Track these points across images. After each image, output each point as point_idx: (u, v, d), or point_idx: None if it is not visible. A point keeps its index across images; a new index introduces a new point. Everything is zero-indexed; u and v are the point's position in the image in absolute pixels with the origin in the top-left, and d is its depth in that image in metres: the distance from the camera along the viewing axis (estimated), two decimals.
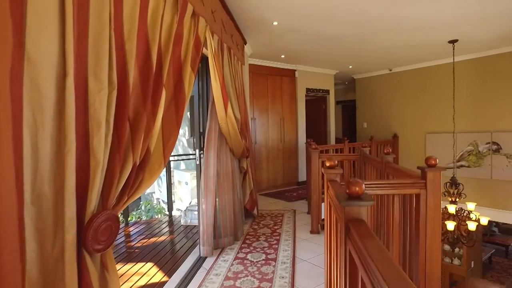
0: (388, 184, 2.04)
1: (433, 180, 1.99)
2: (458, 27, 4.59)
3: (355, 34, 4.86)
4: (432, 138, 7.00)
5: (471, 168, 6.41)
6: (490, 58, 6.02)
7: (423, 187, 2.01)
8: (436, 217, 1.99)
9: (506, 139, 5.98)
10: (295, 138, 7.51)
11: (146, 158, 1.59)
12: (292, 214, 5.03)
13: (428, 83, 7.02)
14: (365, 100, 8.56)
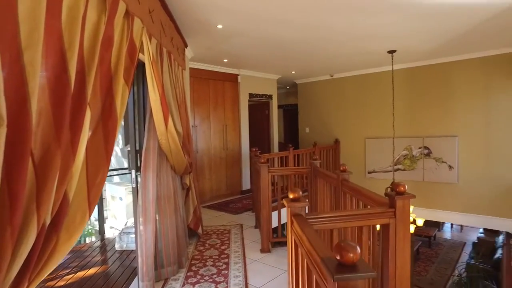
0: (357, 215, 1.84)
1: (402, 209, 1.85)
2: (397, 39, 4.73)
3: (300, 40, 4.74)
4: (371, 143, 7.26)
5: (406, 171, 6.78)
6: (422, 68, 6.41)
7: (392, 216, 1.85)
8: (406, 247, 1.85)
9: (435, 143, 6.42)
10: (239, 145, 7.24)
11: (62, 211, 1.15)
12: (239, 229, 4.73)
13: (368, 89, 7.27)
14: (307, 105, 8.62)
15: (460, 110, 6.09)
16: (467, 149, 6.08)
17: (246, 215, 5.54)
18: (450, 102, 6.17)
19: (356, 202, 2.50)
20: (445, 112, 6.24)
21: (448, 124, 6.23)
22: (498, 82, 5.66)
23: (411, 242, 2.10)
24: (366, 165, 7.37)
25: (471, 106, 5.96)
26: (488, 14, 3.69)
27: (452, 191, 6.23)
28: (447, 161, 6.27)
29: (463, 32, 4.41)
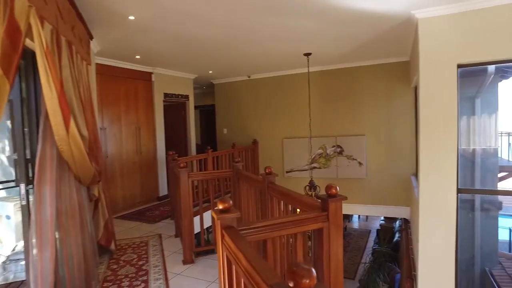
0: (291, 222, 1.76)
1: (335, 212, 1.83)
2: (312, 42, 4.92)
3: (218, 39, 4.58)
4: (289, 143, 7.50)
5: (322, 169, 7.17)
6: (335, 71, 6.84)
7: (326, 220, 1.82)
8: (339, 251, 1.84)
9: (346, 142, 6.93)
10: (154, 148, 6.75)
11: None
12: (158, 240, 4.36)
13: (285, 90, 7.48)
14: (224, 105, 8.52)
15: (367, 112, 6.69)
16: (373, 147, 6.71)
17: (165, 223, 5.16)
18: (359, 104, 6.73)
19: (285, 206, 2.44)
20: (355, 113, 6.79)
21: (357, 124, 6.79)
22: (397, 87, 6.37)
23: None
24: (284, 164, 7.59)
25: (376, 108, 6.60)
26: (390, 25, 4.05)
27: (362, 186, 6.80)
28: (357, 158, 6.83)
29: (370, 40, 4.80)
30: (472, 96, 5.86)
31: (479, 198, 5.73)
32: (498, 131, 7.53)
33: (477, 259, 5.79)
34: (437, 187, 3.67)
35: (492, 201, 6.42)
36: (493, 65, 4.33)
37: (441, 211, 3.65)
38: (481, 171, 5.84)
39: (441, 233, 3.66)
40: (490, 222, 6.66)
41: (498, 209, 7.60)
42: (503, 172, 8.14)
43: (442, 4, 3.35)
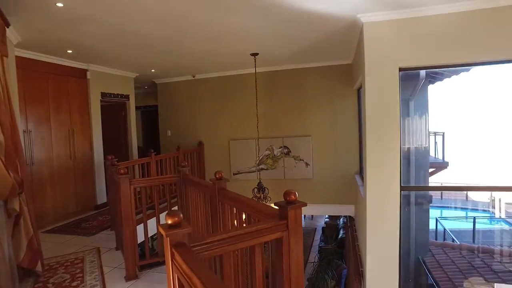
0: (249, 233, 1.60)
1: (294, 219, 1.71)
2: (259, 42, 4.83)
3: (160, 35, 4.28)
4: (236, 145, 7.35)
5: (269, 170, 7.14)
6: (282, 72, 6.85)
7: (285, 229, 1.70)
8: (300, 263, 1.73)
9: (293, 143, 6.99)
10: (90, 152, 6.15)
11: None
12: (96, 255, 3.92)
13: (232, 91, 7.32)
14: (168, 106, 8.11)
15: (312, 113, 6.80)
16: (319, 147, 6.85)
17: (104, 234, 4.70)
18: (305, 105, 6.83)
19: (238, 213, 2.29)
20: (301, 114, 6.88)
21: (304, 125, 6.88)
22: (341, 89, 6.58)
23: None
24: (231, 166, 7.43)
25: (321, 109, 6.75)
26: (337, 27, 4.11)
27: (309, 186, 6.90)
28: (304, 159, 6.92)
29: (317, 41, 4.84)
30: (406, 99, 6.25)
31: (413, 193, 6.11)
32: (429, 131, 8.17)
33: (412, 249, 6.17)
34: (382, 185, 3.79)
35: (424, 195, 6.93)
36: (430, 69, 4.63)
37: (386, 208, 3.78)
38: (415, 168, 6.26)
39: (386, 229, 3.79)
40: (423, 215, 7.18)
41: (429, 202, 8.24)
42: (432, 168, 8.89)
43: (385, 10, 3.46)
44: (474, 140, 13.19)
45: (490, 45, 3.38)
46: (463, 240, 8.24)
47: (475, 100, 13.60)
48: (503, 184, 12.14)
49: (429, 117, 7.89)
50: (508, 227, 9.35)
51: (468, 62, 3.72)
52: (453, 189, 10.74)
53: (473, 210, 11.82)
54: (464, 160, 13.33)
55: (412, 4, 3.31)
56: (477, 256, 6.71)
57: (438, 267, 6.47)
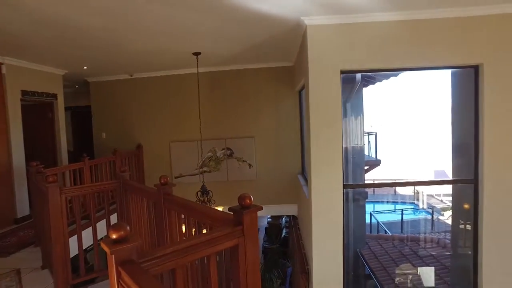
0: (203, 242, 1.48)
1: (250, 225, 1.63)
2: (202, 41, 4.68)
3: (94, 28, 3.89)
4: (177, 147, 7.07)
5: (212, 172, 6.98)
6: (225, 73, 6.74)
7: (241, 235, 1.61)
8: (256, 268, 1.65)
9: (236, 144, 6.93)
10: (7, 158, 5.40)
11: None
12: (15, 278, 3.40)
13: (173, 91, 7.01)
14: (103, 107, 7.51)
15: (255, 114, 6.82)
16: (262, 149, 6.88)
17: (27, 252, 4.14)
18: (248, 106, 6.81)
19: (186, 220, 2.14)
20: (244, 115, 6.85)
21: (247, 126, 6.86)
22: (283, 90, 6.69)
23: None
24: (172, 169, 7.13)
25: (264, 110, 6.79)
26: (281, 29, 4.14)
27: (253, 187, 6.89)
28: (247, 160, 6.90)
29: (261, 43, 4.83)
30: (343, 101, 6.58)
31: (351, 190, 6.45)
32: (364, 131, 8.73)
33: (351, 243, 6.51)
34: (326, 184, 3.89)
35: (360, 191, 7.38)
36: (368, 72, 4.90)
37: (331, 206, 3.90)
38: (353, 166, 6.62)
39: (331, 226, 3.91)
40: (360, 210, 7.64)
41: (365, 198, 8.78)
42: (367, 166, 9.51)
43: (328, 14, 3.56)
44: (401, 139, 14.56)
45: (416, 53, 3.67)
46: (394, 231, 8.97)
47: (402, 103, 14.97)
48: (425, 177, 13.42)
49: (364, 118, 8.41)
50: (429, 216, 10.40)
51: (400, 67, 4.02)
52: (389, 185, 11.59)
53: (402, 203, 12.98)
54: (394, 157, 14.62)
55: (352, 10, 3.45)
56: (406, 245, 7.33)
57: (374, 258, 6.92)
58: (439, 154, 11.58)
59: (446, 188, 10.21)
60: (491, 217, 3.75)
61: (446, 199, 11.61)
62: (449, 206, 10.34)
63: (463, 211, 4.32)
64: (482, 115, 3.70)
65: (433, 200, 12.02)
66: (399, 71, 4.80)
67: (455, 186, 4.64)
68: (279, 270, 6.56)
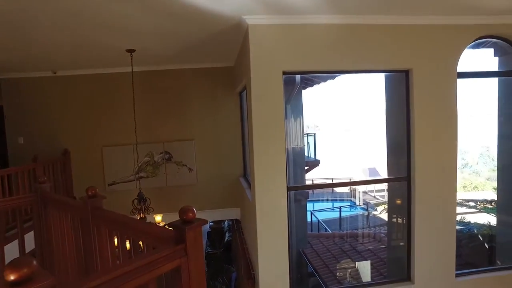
0: (141, 267, 1.25)
1: (194, 242, 1.43)
2: (135, 36, 4.29)
3: (6, 12, 3.32)
4: (111, 152, 6.50)
5: (150, 178, 6.56)
6: (162, 73, 6.35)
7: (184, 254, 1.40)
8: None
9: (176, 148, 6.59)
10: None
11: None
12: None
13: (105, 91, 6.41)
14: (19, 107, 6.60)
15: (195, 116, 6.55)
16: (202, 152, 6.63)
17: None
18: (187, 108, 6.52)
19: (120, 238, 1.86)
20: (183, 118, 6.54)
21: (186, 129, 6.56)
22: (223, 92, 6.53)
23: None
24: (105, 176, 6.54)
25: (204, 112, 6.55)
26: (222, 27, 3.96)
27: (193, 192, 6.62)
28: (187, 164, 6.60)
29: (200, 42, 4.60)
30: (284, 103, 6.64)
31: (293, 191, 6.50)
32: (304, 132, 8.93)
33: (293, 242, 6.60)
34: (270, 186, 3.83)
35: (302, 192, 7.52)
36: (310, 74, 4.94)
37: (275, 209, 3.84)
38: (294, 167, 6.71)
39: (276, 229, 3.85)
40: (301, 210, 7.78)
41: (306, 198, 8.98)
42: (307, 166, 9.76)
43: (270, 14, 3.49)
44: (339, 139, 15.34)
45: (354, 56, 3.79)
46: (334, 229, 9.33)
47: (339, 105, 15.77)
48: (359, 175, 14.26)
49: (304, 120, 8.60)
50: (364, 212, 11.05)
51: (338, 70, 4.11)
52: (331, 185, 12.02)
53: (340, 200, 13.63)
54: (332, 157, 15.33)
55: (295, 11, 3.42)
56: (345, 242, 7.64)
57: (316, 256, 7.09)
58: (372, 153, 12.47)
59: (379, 185, 10.96)
60: (422, 211, 4.02)
61: (378, 194, 12.50)
62: (382, 201, 11.15)
63: (397, 206, 4.58)
64: (413, 117, 3.94)
65: (367, 197, 12.84)
66: (337, 73, 4.95)
67: (390, 183, 4.90)
68: (224, 277, 6.37)
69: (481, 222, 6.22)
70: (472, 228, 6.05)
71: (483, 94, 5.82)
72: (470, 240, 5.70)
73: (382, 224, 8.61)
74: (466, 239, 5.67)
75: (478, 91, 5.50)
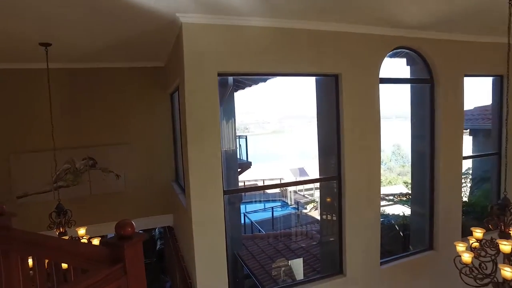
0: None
1: (135, 260, 1.27)
2: (52, 28, 3.78)
3: None
4: (21, 159, 5.65)
5: (70, 187, 5.88)
6: (88, 71, 5.71)
7: (122, 275, 1.23)
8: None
9: (101, 153, 6.01)
10: None
11: None
12: None
13: (14, 90, 5.53)
14: None
15: (123, 118, 6.04)
16: (131, 156, 6.15)
17: None
18: (115, 110, 5.98)
19: (37, 263, 1.57)
20: (111, 120, 5.98)
21: (114, 133, 6.02)
22: (154, 93, 6.17)
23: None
24: (13, 188, 5.67)
25: (133, 114, 6.09)
26: (154, 24, 3.69)
27: (121, 200, 6.12)
28: (114, 170, 6.07)
29: (130, 38, 4.23)
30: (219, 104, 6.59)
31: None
32: (236, 135, 8.94)
33: (229, 246, 6.57)
34: (206, 191, 3.71)
35: (236, 194, 7.51)
36: (245, 76, 4.92)
37: (212, 214, 3.74)
38: (227, 170, 6.66)
39: (214, 234, 3.75)
40: (235, 213, 7.77)
41: (240, 200, 9.01)
42: (239, 168, 9.79)
43: (205, 13, 3.38)
44: (270, 141, 15.73)
45: (287, 59, 3.87)
46: (267, 229, 9.50)
47: (271, 107, 16.19)
48: (290, 175, 14.77)
49: (236, 122, 8.60)
50: (295, 211, 11.50)
51: (272, 72, 4.17)
52: (265, 188, 12.20)
53: (272, 201, 13.95)
54: (263, 158, 15.63)
55: (229, 12, 3.36)
56: (280, 241, 7.83)
57: (251, 258, 7.13)
58: (302, 154, 13.09)
59: (308, 184, 11.51)
60: (351, 207, 4.30)
61: (307, 193, 13.12)
62: (311, 199, 11.73)
63: (328, 204, 4.81)
64: (342, 119, 4.18)
65: (297, 196, 13.39)
66: (270, 76, 5.03)
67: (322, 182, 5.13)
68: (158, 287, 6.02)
69: (397, 213, 6.91)
70: (390, 219, 6.69)
71: (396, 99, 6.48)
72: (389, 230, 6.29)
73: (313, 222, 9.02)
74: (386, 229, 6.24)
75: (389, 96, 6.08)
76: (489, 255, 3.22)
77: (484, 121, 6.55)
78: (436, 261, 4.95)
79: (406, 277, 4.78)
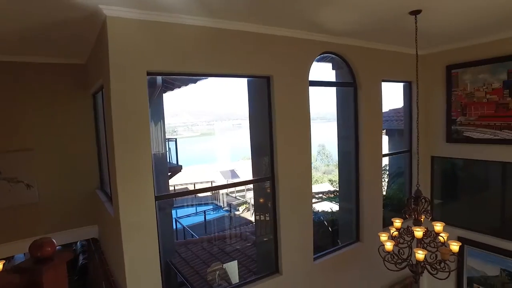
0: None
1: (55, 285, 1.09)
2: None
3: None
4: None
5: None
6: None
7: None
8: None
9: (6, 161, 5.19)
10: None
11: None
12: None
13: None
14: None
15: (34, 121, 5.30)
16: (45, 163, 5.46)
17: None
18: (24, 111, 5.23)
19: None
20: (18, 123, 5.20)
21: (22, 137, 5.25)
22: (71, 92, 5.56)
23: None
24: None
25: (47, 116, 5.39)
26: (71, 14, 3.32)
27: (34, 213, 5.39)
28: (24, 180, 5.30)
29: (43, 28, 3.68)
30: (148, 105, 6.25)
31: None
32: (165, 138, 8.58)
33: (160, 254, 6.29)
34: (136, 197, 3.47)
35: (167, 200, 7.19)
36: (175, 76, 4.71)
37: (143, 222, 3.51)
38: (156, 174, 6.34)
39: (146, 243, 3.53)
40: (167, 219, 7.44)
41: (171, 206, 8.67)
42: (169, 172, 9.42)
43: (132, 8, 3.15)
44: (200, 143, 15.42)
45: (219, 60, 3.81)
46: (200, 233, 9.28)
47: (201, 109, 15.90)
48: (221, 177, 14.73)
49: (165, 124, 8.26)
50: (228, 214, 11.46)
51: (204, 73, 4.05)
52: (199, 191, 11.92)
53: (205, 204, 13.68)
54: (192, 161, 15.24)
55: (160, 8, 3.19)
56: (214, 245, 7.71)
57: (185, 265, 6.89)
58: (233, 156, 13.10)
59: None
60: (285, 206, 4.41)
61: (239, 195, 13.17)
62: (243, 201, 11.79)
63: (262, 205, 4.88)
64: (275, 120, 4.27)
65: (229, 198, 13.36)
66: (202, 77, 4.90)
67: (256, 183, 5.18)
68: None
69: (326, 210, 7.33)
70: (320, 215, 7.06)
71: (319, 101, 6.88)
72: (319, 226, 6.63)
73: (246, 223, 9.08)
74: (316, 226, 6.57)
75: (313, 99, 6.43)
76: (406, 242, 3.60)
77: (397, 122, 7.33)
78: (363, 252, 5.37)
79: (338, 269, 5.08)
